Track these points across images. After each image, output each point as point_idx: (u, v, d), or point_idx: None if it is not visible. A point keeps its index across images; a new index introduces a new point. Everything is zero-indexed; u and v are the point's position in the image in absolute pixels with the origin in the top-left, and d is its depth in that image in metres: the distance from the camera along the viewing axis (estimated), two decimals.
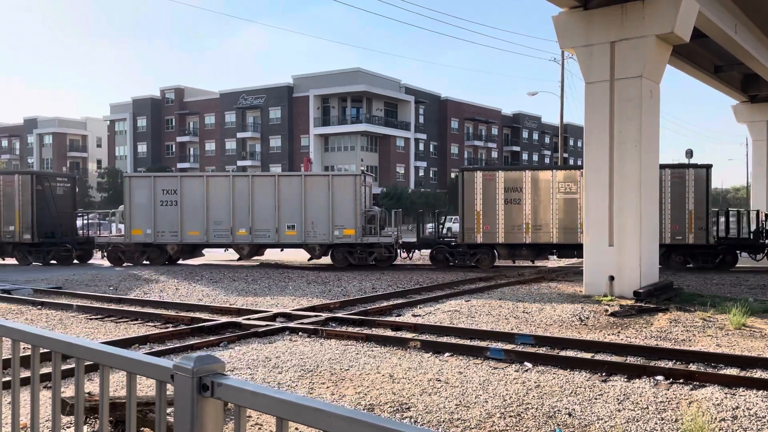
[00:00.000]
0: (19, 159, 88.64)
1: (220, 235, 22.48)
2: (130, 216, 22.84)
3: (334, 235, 22.03)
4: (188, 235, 22.64)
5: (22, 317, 12.81)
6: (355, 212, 21.88)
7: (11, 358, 2.50)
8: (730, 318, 11.40)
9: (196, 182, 22.84)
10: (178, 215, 22.55)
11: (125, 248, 23.18)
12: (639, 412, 6.67)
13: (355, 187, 21.92)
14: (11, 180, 24.10)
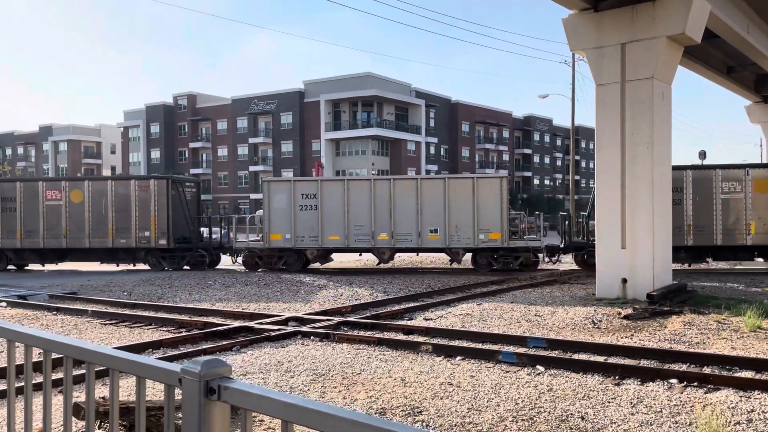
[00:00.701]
0: (34, 166, 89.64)
1: (360, 239, 22.05)
2: (269, 221, 22.52)
3: (479, 239, 21.49)
4: (328, 239, 22.21)
5: (37, 323, 12.94)
6: (500, 215, 21.31)
7: (24, 364, 2.53)
8: (745, 320, 11.29)
9: (336, 186, 22.41)
10: (318, 219, 22.17)
11: (262, 253, 22.82)
12: (653, 416, 6.62)
13: (501, 190, 21.41)
14: (146, 185, 23.63)
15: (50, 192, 24.00)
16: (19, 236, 24.04)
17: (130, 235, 23.54)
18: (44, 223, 23.89)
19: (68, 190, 23.94)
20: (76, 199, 23.82)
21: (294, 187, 22.54)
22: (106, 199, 23.68)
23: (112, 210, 23.62)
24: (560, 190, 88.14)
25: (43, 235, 23.91)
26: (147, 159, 78.86)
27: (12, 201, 24.13)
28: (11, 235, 24.13)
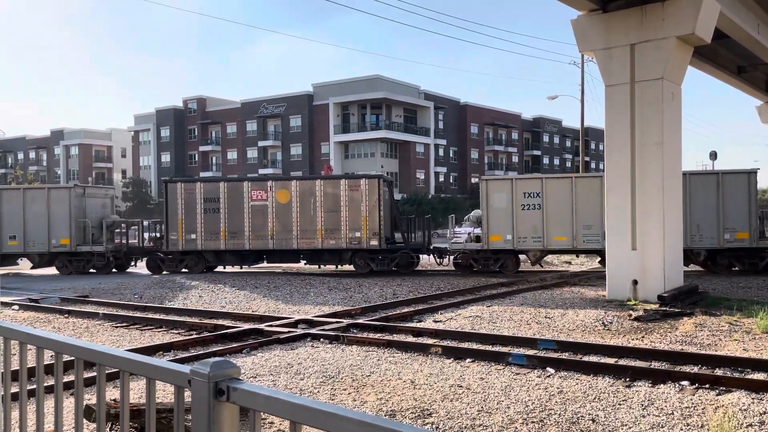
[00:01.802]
0: (46, 170, 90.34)
1: (590, 240, 21.08)
2: (488, 221, 21.85)
3: (724, 239, 20.61)
4: (554, 240, 21.49)
5: (49, 326, 13.03)
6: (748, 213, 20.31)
7: (36, 366, 2.56)
8: (758, 322, 11.20)
9: (562, 183, 21.64)
10: (542, 220, 21.42)
11: (479, 255, 22.15)
12: (664, 418, 6.58)
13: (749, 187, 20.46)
14: (357, 184, 22.65)
15: (255, 192, 22.99)
16: (223, 238, 23.03)
17: (339, 236, 22.55)
18: (249, 224, 22.93)
19: (274, 190, 22.97)
20: (283, 199, 22.83)
21: (515, 185, 21.68)
22: (314, 199, 22.74)
23: (321, 210, 22.68)
24: None
25: (249, 236, 22.90)
26: (157, 162, 79.30)
27: (215, 201, 23.05)
28: (214, 237, 23.07)
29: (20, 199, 24.20)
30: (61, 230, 24.03)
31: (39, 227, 24.07)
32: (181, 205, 23.23)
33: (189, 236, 23.14)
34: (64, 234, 23.97)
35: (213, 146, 75.21)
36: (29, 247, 24.28)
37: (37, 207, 24.11)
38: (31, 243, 24.21)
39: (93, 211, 24.92)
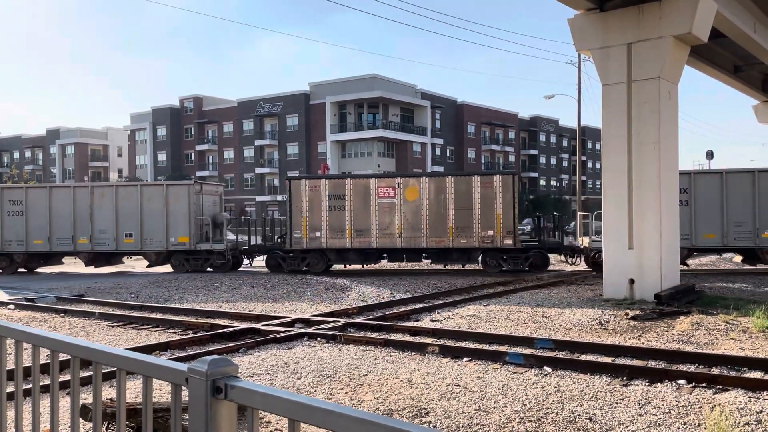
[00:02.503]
0: (42, 170, 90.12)
1: (741, 237, 20.59)
2: None
3: None
4: (702, 238, 21.03)
5: (45, 325, 12.99)
6: None
7: (31, 365, 2.54)
8: (754, 321, 11.22)
9: (710, 180, 21.10)
10: (690, 217, 20.92)
11: None
12: (661, 417, 6.59)
13: None
14: (490, 181, 21.81)
15: (382, 189, 22.46)
16: (349, 236, 22.48)
17: (471, 235, 21.88)
18: (376, 222, 22.43)
19: (403, 187, 22.43)
20: (411, 197, 22.27)
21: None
22: (444, 197, 22.11)
23: (452, 208, 22.00)
24: (567, 191, 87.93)
25: (376, 234, 22.36)
26: (154, 162, 79.18)
27: (340, 199, 22.58)
28: (339, 235, 22.56)
29: (137, 195, 23.65)
30: (179, 228, 23.43)
31: (157, 225, 23.52)
32: (305, 203, 22.72)
33: (313, 234, 22.68)
34: (182, 232, 23.39)
35: (209, 145, 75.12)
36: (146, 245, 23.69)
37: (155, 204, 23.53)
38: (148, 241, 23.63)
39: (207, 209, 24.51)
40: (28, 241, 24.18)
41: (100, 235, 23.79)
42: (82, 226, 23.88)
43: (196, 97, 76.89)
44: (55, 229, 24.00)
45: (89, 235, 23.82)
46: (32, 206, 24.14)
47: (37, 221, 24.08)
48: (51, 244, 24.09)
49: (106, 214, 23.78)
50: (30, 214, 24.13)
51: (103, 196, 23.87)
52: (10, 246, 24.34)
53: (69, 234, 23.96)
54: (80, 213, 23.90)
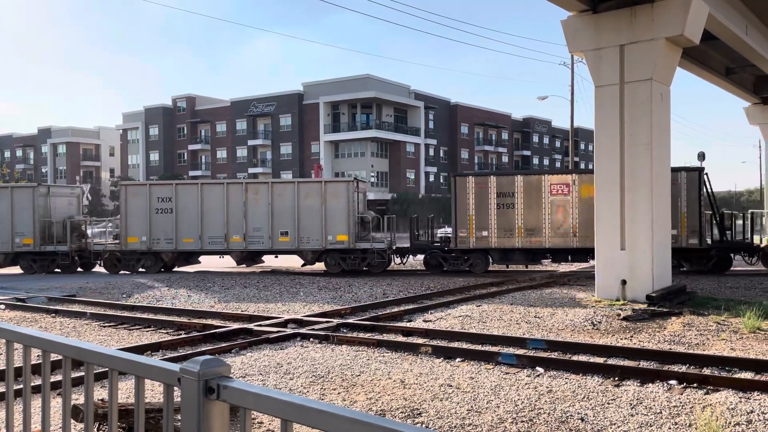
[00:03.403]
0: (33, 169, 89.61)
1: None
2: None
3: None
4: None
5: (36, 325, 12.92)
6: None
7: (23, 366, 2.52)
8: (745, 321, 11.29)
9: None
10: None
11: None
12: (652, 417, 6.62)
13: None
14: (674, 178, 20.32)
15: (556, 186, 21.56)
16: (519, 235, 21.80)
17: None
18: (549, 220, 21.51)
19: (578, 184, 21.51)
20: (586, 194, 21.15)
21: None
22: None
23: None
24: None
25: (548, 234, 21.50)
26: (146, 161, 78.88)
27: (510, 196, 21.77)
28: (508, 234, 21.79)
29: (293, 193, 22.54)
30: (337, 226, 22.31)
31: (314, 222, 22.40)
32: (471, 201, 22.01)
33: (480, 233, 21.92)
34: (341, 230, 22.28)
35: (202, 145, 74.89)
36: (303, 244, 22.53)
37: (312, 201, 22.42)
38: (305, 239, 22.46)
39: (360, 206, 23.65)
40: (178, 240, 22.95)
41: (254, 233, 22.65)
42: (236, 224, 22.72)
43: (189, 97, 76.64)
44: (206, 227, 22.84)
45: (243, 233, 22.67)
46: (183, 203, 22.91)
47: (188, 219, 22.88)
48: (202, 242, 22.86)
49: (261, 211, 22.60)
50: (180, 212, 22.93)
51: (257, 193, 22.71)
52: (158, 244, 23.07)
53: (221, 232, 22.77)
54: (233, 211, 22.71)
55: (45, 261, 24.12)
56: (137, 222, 23.16)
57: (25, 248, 23.86)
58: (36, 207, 23.84)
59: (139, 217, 23.17)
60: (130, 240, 23.28)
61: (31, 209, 23.87)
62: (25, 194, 24.02)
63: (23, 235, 23.74)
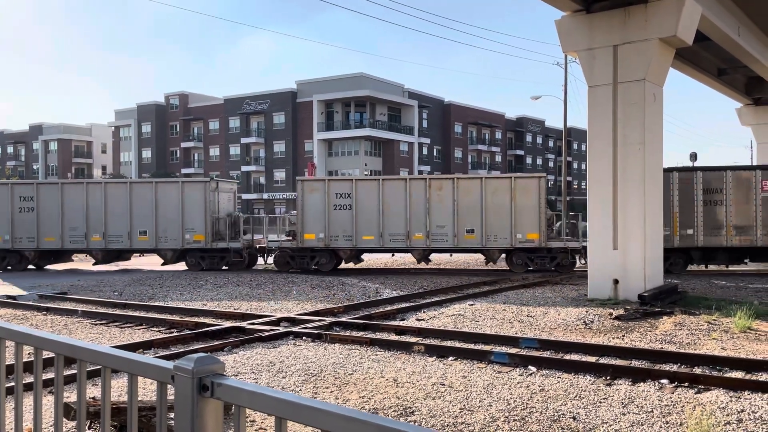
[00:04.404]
0: (24, 165, 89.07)
1: None
2: None
3: None
4: None
5: (27, 323, 12.85)
6: None
7: (15, 363, 2.51)
8: (736, 321, 11.35)
9: None
10: None
11: None
12: (644, 416, 6.65)
13: None
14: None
15: None
16: (728, 233, 21.01)
17: None
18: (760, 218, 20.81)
19: None
20: None
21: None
22: None
23: None
24: (552, 191, 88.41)
25: (759, 231, 20.74)
26: (138, 159, 78.54)
27: (717, 192, 21.06)
28: (715, 233, 20.93)
29: (480, 189, 21.55)
30: (526, 224, 21.28)
31: (503, 220, 21.45)
32: (675, 197, 21.15)
33: (684, 231, 21.07)
34: (531, 228, 21.25)
35: (195, 143, 74.64)
36: (489, 242, 21.51)
37: (500, 198, 21.41)
38: (492, 237, 21.52)
39: None
40: (357, 237, 22.15)
41: (438, 231, 21.74)
42: (417, 221, 21.91)
43: (182, 94, 76.34)
44: (387, 224, 22.04)
45: (426, 231, 21.78)
46: (362, 199, 22.16)
47: (367, 216, 22.19)
48: (383, 239, 22.03)
49: (445, 209, 21.75)
50: (359, 208, 22.15)
51: (440, 190, 21.76)
52: (336, 241, 22.29)
53: (403, 230, 21.95)
54: (416, 208, 21.92)
55: (214, 258, 23.29)
56: (314, 218, 22.41)
57: (195, 245, 23.16)
58: (207, 202, 23.15)
59: (316, 214, 22.41)
60: (307, 237, 22.46)
61: (203, 205, 23.11)
62: (197, 189, 23.33)
63: (193, 231, 23.08)
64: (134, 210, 23.38)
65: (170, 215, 23.22)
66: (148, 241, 23.38)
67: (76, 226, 23.64)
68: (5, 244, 23.91)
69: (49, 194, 23.89)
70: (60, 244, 23.81)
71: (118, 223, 23.45)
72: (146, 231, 23.28)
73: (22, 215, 23.88)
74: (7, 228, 23.84)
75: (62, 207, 23.71)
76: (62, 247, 23.94)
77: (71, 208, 23.71)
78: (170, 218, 23.21)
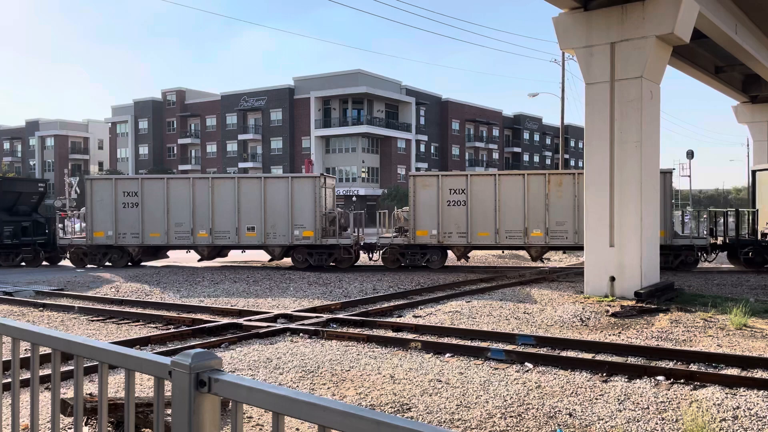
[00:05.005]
0: (21, 161, 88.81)
1: None
2: None
3: None
4: None
5: (23, 319, 12.83)
6: None
7: (11, 359, 2.50)
8: (731, 318, 11.39)
9: None
10: None
11: None
12: (640, 413, 6.67)
13: None
14: None
15: None
16: None
17: None
18: None
19: None
20: None
21: None
22: None
23: None
24: None
25: None
26: (135, 155, 78.38)
27: None
28: None
29: None
30: None
31: None
32: None
33: None
34: None
35: (192, 139, 74.49)
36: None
37: None
38: None
39: None
40: (472, 233, 21.73)
41: (557, 227, 21.31)
42: (536, 217, 21.41)
43: (179, 90, 76.16)
44: (503, 220, 21.59)
45: (545, 227, 21.34)
46: (475, 196, 21.65)
47: (481, 212, 21.66)
48: (499, 236, 21.61)
49: (565, 205, 21.22)
50: (473, 204, 21.70)
51: (560, 185, 21.26)
52: (449, 238, 21.88)
53: (521, 226, 21.46)
54: (534, 204, 21.40)
55: (322, 255, 22.77)
56: (427, 215, 22.04)
57: (304, 241, 22.59)
58: (317, 198, 22.68)
59: (429, 210, 22.00)
60: (420, 233, 22.16)
61: (312, 200, 22.55)
62: (306, 184, 22.78)
63: (303, 227, 22.61)
64: (242, 205, 22.81)
65: (279, 211, 22.62)
66: (256, 237, 22.66)
67: (182, 221, 22.98)
68: (108, 240, 23.25)
69: (153, 189, 23.17)
70: (165, 240, 23.10)
71: (225, 219, 22.86)
72: (254, 227, 22.68)
73: (126, 211, 23.17)
74: (110, 224, 23.19)
75: (167, 202, 23.01)
76: (167, 243, 23.21)
77: (177, 203, 23.02)
78: (279, 214, 22.63)
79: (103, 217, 23.30)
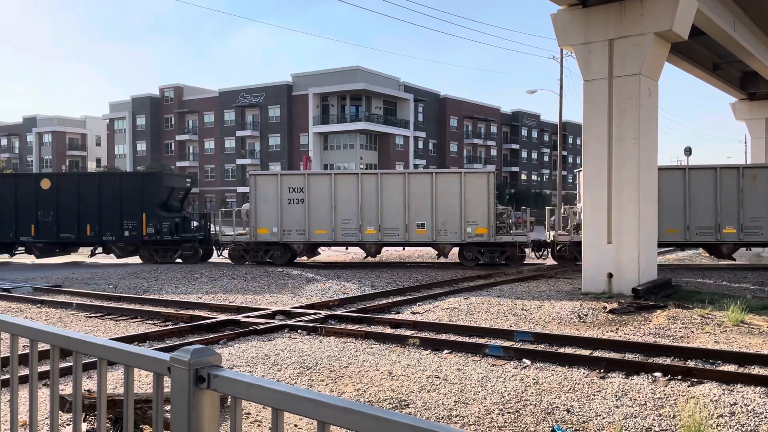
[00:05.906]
0: (18, 158, 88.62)
1: None
2: None
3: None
4: None
5: (21, 315, 12.82)
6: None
7: (10, 356, 2.50)
8: (729, 315, 11.42)
9: None
10: None
11: None
12: (637, 409, 6.69)
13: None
14: None
15: None
16: None
17: None
18: None
19: None
20: None
21: None
22: None
23: None
24: (547, 186, 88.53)
25: None
26: (133, 151, 78.22)
27: None
28: None
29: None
30: None
31: None
32: None
33: None
34: None
35: (190, 135, 74.34)
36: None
37: None
38: None
39: None
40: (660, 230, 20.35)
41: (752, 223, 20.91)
42: (729, 213, 20.96)
43: (177, 87, 75.99)
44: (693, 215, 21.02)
45: (739, 224, 20.96)
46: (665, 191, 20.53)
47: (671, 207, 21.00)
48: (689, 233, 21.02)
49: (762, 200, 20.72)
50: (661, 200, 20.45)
51: (754, 179, 20.88)
52: None
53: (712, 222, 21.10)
54: (726, 198, 20.81)
55: (494, 252, 22.14)
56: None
57: (477, 239, 21.91)
58: (490, 194, 21.88)
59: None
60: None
61: (485, 196, 21.84)
62: (479, 180, 22.08)
63: (475, 224, 22.02)
64: (411, 202, 22.32)
65: (451, 208, 21.97)
66: (427, 234, 22.06)
67: (349, 218, 22.41)
68: (273, 237, 22.58)
69: (320, 185, 22.58)
70: (332, 237, 22.44)
71: (394, 216, 22.32)
72: (424, 224, 22.17)
73: (291, 207, 22.53)
74: (275, 220, 22.55)
75: (334, 199, 22.40)
76: (334, 240, 22.59)
77: (343, 199, 22.44)
78: (451, 211, 21.98)
79: (267, 213, 22.75)
